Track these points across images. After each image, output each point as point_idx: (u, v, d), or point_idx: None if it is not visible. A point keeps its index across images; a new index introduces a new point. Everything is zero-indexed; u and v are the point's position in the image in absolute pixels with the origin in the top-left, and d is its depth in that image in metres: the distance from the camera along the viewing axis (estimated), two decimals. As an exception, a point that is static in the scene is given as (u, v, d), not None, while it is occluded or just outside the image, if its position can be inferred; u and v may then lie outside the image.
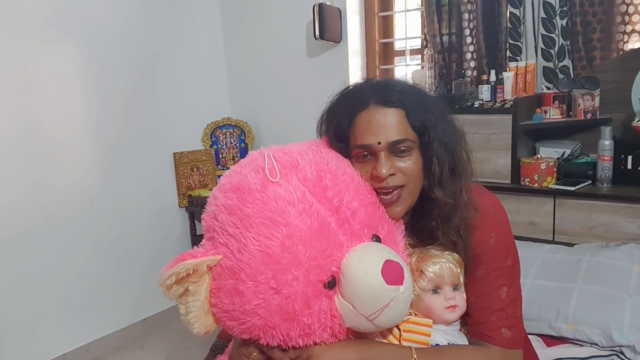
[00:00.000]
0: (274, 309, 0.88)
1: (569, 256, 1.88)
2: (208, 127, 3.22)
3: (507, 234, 1.10)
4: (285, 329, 0.90)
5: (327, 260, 0.90)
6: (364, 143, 1.01)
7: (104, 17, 2.64)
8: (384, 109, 1.01)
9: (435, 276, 1.04)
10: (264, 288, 0.87)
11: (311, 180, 0.95)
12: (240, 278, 0.88)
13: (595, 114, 2.25)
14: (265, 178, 0.94)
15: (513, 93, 2.36)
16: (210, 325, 0.95)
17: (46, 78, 2.44)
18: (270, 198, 0.91)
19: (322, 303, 0.90)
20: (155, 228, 2.96)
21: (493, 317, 1.04)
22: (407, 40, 2.97)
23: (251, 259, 0.87)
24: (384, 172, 0.99)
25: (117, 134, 2.74)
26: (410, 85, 1.09)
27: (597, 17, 2.31)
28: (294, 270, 0.87)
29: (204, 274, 0.91)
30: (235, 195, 0.93)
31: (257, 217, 0.89)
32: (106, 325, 2.76)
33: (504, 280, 1.06)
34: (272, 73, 3.18)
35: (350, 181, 0.98)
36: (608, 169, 2.15)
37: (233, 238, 0.90)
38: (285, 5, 3.03)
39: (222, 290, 0.90)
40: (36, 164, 2.42)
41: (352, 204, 0.95)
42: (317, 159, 0.99)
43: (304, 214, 0.90)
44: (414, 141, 1.02)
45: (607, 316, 1.59)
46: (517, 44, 2.49)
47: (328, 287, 0.91)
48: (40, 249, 2.45)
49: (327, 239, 0.90)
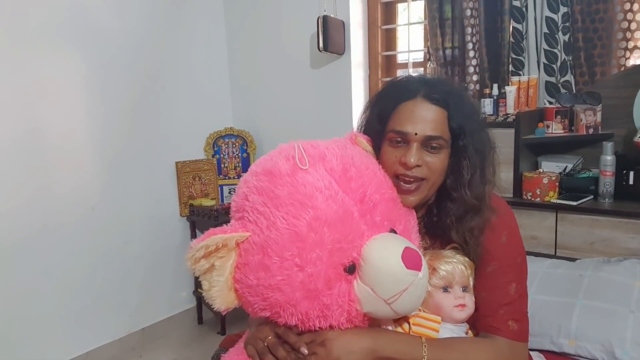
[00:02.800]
0: (297, 285, 0.92)
1: (571, 271, 1.87)
2: (210, 136, 3.22)
3: (517, 234, 1.17)
4: (305, 307, 0.93)
5: (349, 245, 0.94)
6: (402, 130, 1.06)
7: (108, 27, 2.66)
8: (428, 104, 1.07)
9: (447, 274, 1.08)
10: (289, 264, 0.91)
11: (337, 171, 0.99)
12: (267, 253, 0.92)
13: (597, 129, 2.26)
14: (295, 165, 0.98)
15: (515, 107, 2.37)
16: (232, 301, 0.98)
17: (50, 86, 2.45)
18: (300, 183, 0.95)
19: (341, 285, 0.94)
20: (156, 237, 2.96)
21: (501, 310, 1.08)
22: (410, 53, 2.98)
23: (279, 236, 0.92)
24: (412, 161, 1.04)
25: (119, 142, 2.75)
26: (459, 89, 1.18)
27: (598, 34, 2.33)
28: (318, 250, 0.91)
29: (232, 249, 0.95)
30: (267, 178, 0.98)
31: (286, 198, 0.94)
32: (105, 335, 2.75)
33: (513, 277, 1.11)
34: (275, 84, 3.19)
35: (373, 176, 1.03)
36: (610, 184, 2.15)
37: (262, 216, 0.94)
38: (289, 16, 3.05)
39: (249, 266, 0.94)
40: (38, 172, 2.42)
41: (374, 197, 1.00)
42: (342, 154, 1.03)
43: (330, 200, 0.94)
44: (447, 141, 1.08)
45: (609, 332, 1.58)
46: (520, 58, 2.50)
47: (348, 272, 0.95)
48: (40, 257, 2.45)
49: (350, 226, 0.95)
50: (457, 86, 1.19)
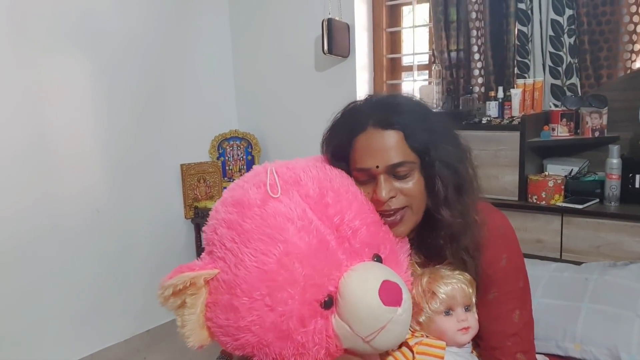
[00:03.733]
0: (267, 326, 0.87)
1: (577, 275, 1.86)
2: (215, 139, 3.23)
3: (518, 255, 1.10)
4: (279, 347, 0.88)
5: (324, 280, 0.89)
6: (363, 167, 1.00)
7: (115, 31, 2.67)
8: (381, 132, 0.99)
9: (448, 297, 1.02)
10: (258, 305, 0.87)
11: (313, 197, 0.94)
12: (236, 293, 0.87)
13: (603, 132, 2.25)
14: (266, 193, 0.93)
15: (521, 110, 2.36)
16: (205, 339, 0.94)
17: (56, 89, 2.46)
18: (270, 214, 0.90)
19: (317, 322, 0.89)
20: (160, 239, 2.96)
21: (508, 342, 1.04)
22: (415, 56, 2.98)
23: (247, 275, 0.87)
24: (384, 196, 0.98)
25: (125, 145, 2.76)
26: (411, 104, 1.06)
27: (604, 36, 2.32)
28: (289, 288, 0.86)
29: (202, 287, 0.91)
30: (235, 210, 0.93)
31: (255, 232, 0.89)
32: (110, 336, 2.75)
33: (516, 303, 1.06)
34: (279, 86, 3.20)
35: (353, 199, 0.97)
36: (616, 187, 2.14)
37: (231, 253, 0.90)
38: (294, 20, 3.06)
39: (218, 305, 0.90)
40: (45, 175, 2.44)
41: (353, 223, 0.94)
42: (320, 176, 0.98)
43: (303, 231, 0.89)
44: (414, 162, 1.00)
45: (615, 336, 1.57)
46: (525, 61, 2.50)
47: (325, 307, 0.89)
48: (46, 259, 2.46)
49: (325, 258, 0.90)
50: (410, 101, 1.07)
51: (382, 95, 1.11)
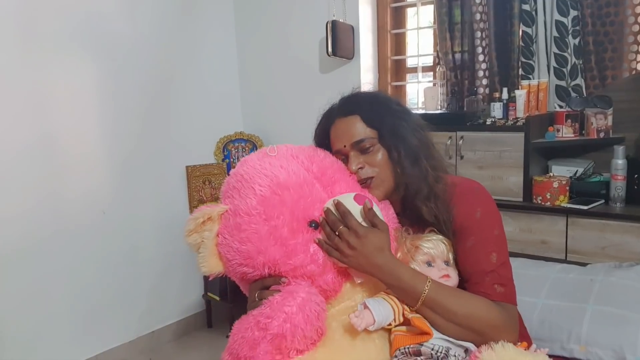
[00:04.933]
0: (264, 234, 1.08)
1: (582, 276, 1.86)
2: (220, 141, 3.24)
3: (492, 210, 1.25)
4: (273, 253, 1.08)
5: (309, 205, 1.12)
6: (336, 149, 1.26)
7: (120, 32, 2.69)
8: (343, 119, 1.26)
9: (429, 249, 1.17)
10: (256, 219, 1.09)
11: (302, 158, 1.20)
12: (239, 214, 1.11)
13: (608, 133, 2.25)
14: (265, 153, 1.20)
15: (525, 111, 2.36)
16: (216, 266, 1.15)
17: (62, 91, 2.48)
18: (267, 162, 1.16)
19: (305, 235, 1.10)
20: (166, 241, 2.97)
21: (487, 278, 1.17)
22: (420, 58, 2.98)
23: (248, 200, 1.11)
24: (353, 167, 1.22)
25: (130, 146, 2.77)
26: (366, 94, 1.34)
27: (609, 37, 2.31)
28: (280, 207, 1.10)
29: (216, 221, 1.14)
30: (240, 166, 1.20)
31: (255, 174, 1.14)
32: (115, 337, 2.77)
33: (493, 247, 1.19)
34: (284, 88, 3.20)
35: (335, 163, 1.23)
36: (621, 188, 2.13)
37: (237, 190, 1.14)
38: (298, 21, 3.06)
39: (226, 228, 1.12)
40: (50, 176, 2.45)
41: (334, 176, 1.19)
42: (311, 152, 1.24)
43: (292, 173, 1.14)
44: (374, 137, 1.23)
45: (620, 338, 1.57)
46: (530, 62, 2.49)
47: (311, 226, 1.12)
48: (51, 260, 2.47)
49: (310, 191, 1.13)
50: (368, 92, 1.36)
51: (347, 93, 1.35)
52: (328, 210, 1.11)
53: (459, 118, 2.45)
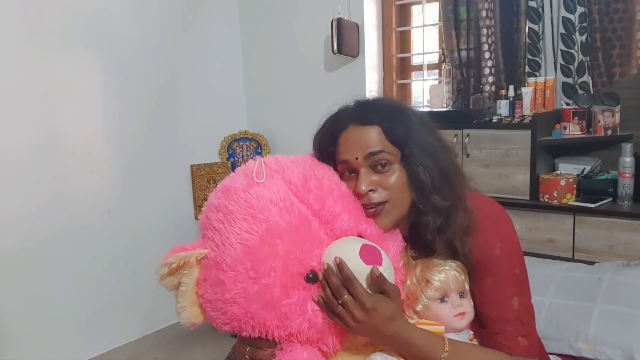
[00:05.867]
0: (252, 296, 0.92)
1: (589, 275, 1.84)
2: (225, 140, 3.24)
3: (513, 243, 1.10)
4: (263, 318, 0.93)
5: (305, 255, 0.95)
6: (343, 158, 1.05)
7: (125, 32, 2.69)
8: (360, 127, 1.05)
9: (442, 284, 1.04)
10: (243, 277, 0.93)
11: (295, 183, 1.01)
12: (222, 268, 0.94)
13: (616, 131, 2.23)
14: (252, 180, 1.00)
15: (532, 109, 2.34)
16: (197, 316, 1.00)
17: (67, 91, 2.48)
18: (254, 197, 0.97)
19: (300, 294, 0.94)
20: (171, 240, 2.96)
21: (509, 327, 1.05)
22: (425, 55, 2.97)
23: (232, 251, 0.94)
24: (363, 188, 1.01)
25: (135, 146, 2.77)
26: (390, 103, 1.13)
27: (617, 34, 2.29)
28: (271, 261, 0.93)
29: (194, 266, 0.98)
30: (223, 195, 1.01)
31: (239, 213, 0.96)
32: (120, 337, 2.77)
33: (514, 290, 1.07)
34: (289, 87, 3.20)
35: (335, 187, 1.02)
36: (629, 186, 2.12)
37: (218, 232, 0.96)
38: (303, 19, 3.06)
39: (207, 281, 0.96)
40: (56, 175, 2.45)
41: (334, 209, 0.99)
42: (306, 167, 1.04)
43: (284, 211, 0.96)
44: (393, 154, 1.03)
45: (629, 336, 1.55)
46: (536, 59, 2.48)
47: (308, 282, 0.95)
48: (56, 259, 2.47)
49: (306, 235, 0.96)
50: (390, 101, 1.16)
51: (364, 98, 1.15)
52: (329, 270, 0.93)
53: (465, 116, 2.43)
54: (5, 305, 2.31)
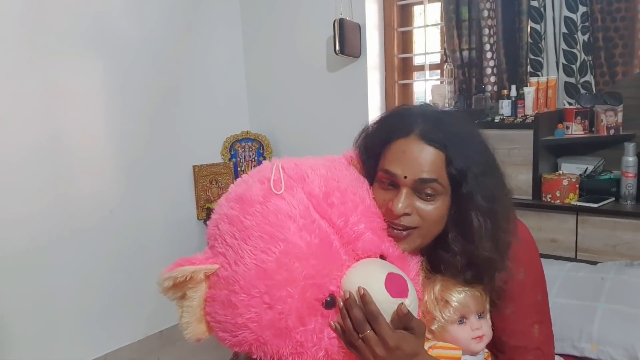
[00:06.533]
0: (265, 324, 0.85)
1: (592, 274, 1.84)
2: (227, 140, 3.24)
3: (536, 267, 1.06)
4: (277, 345, 0.87)
5: (325, 280, 0.87)
6: (391, 170, 0.94)
7: (127, 33, 2.69)
8: (422, 144, 0.93)
9: (461, 305, 0.99)
10: (256, 302, 0.85)
11: (317, 195, 0.91)
12: (234, 290, 0.86)
13: (618, 130, 2.23)
14: (269, 190, 0.91)
15: (534, 108, 2.34)
16: (202, 333, 0.93)
17: (70, 92, 2.48)
18: (271, 211, 0.88)
19: (317, 321, 0.87)
20: (173, 240, 2.98)
21: (529, 356, 1.01)
22: (427, 56, 2.97)
23: (246, 272, 0.85)
24: (399, 209, 0.92)
25: (138, 147, 2.78)
26: (460, 125, 1.00)
27: (619, 33, 2.29)
28: (288, 287, 0.85)
29: (201, 281, 0.90)
30: (238, 205, 0.92)
31: (255, 229, 0.87)
32: (123, 337, 2.77)
33: (535, 317, 1.03)
34: (291, 87, 3.20)
35: (359, 202, 0.93)
36: (632, 185, 2.11)
37: (231, 249, 0.88)
38: (305, 20, 3.06)
39: (217, 300, 0.89)
40: (58, 176, 2.46)
41: (357, 227, 0.91)
42: (328, 175, 0.95)
43: (304, 230, 0.87)
44: (444, 187, 0.94)
45: (632, 336, 1.55)
46: (538, 59, 2.47)
47: (326, 307, 0.87)
48: (60, 260, 2.48)
49: (327, 257, 0.88)
50: (463, 123, 1.02)
51: (436, 109, 1.04)
52: (351, 302, 0.84)
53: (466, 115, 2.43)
54: (10, 306, 2.32)
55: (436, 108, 1.04)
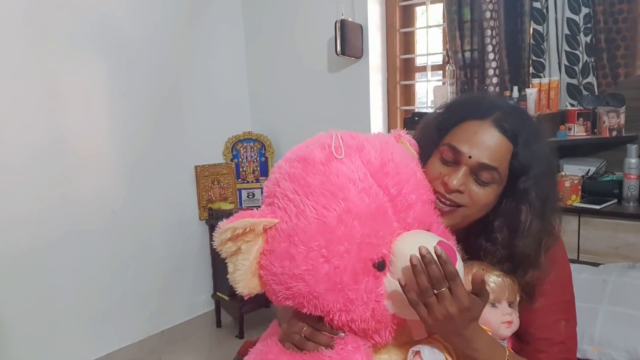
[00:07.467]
0: (321, 277, 0.88)
1: (594, 276, 1.83)
2: (229, 140, 3.24)
3: (566, 267, 1.09)
4: (328, 300, 0.90)
5: (379, 241, 0.90)
6: (458, 147, 0.98)
7: (130, 34, 2.70)
8: (495, 131, 0.98)
9: (498, 288, 1.01)
10: (315, 255, 0.88)
11: (374, 164, 0.94)
12: (294, 242, 0.89)
13: (621, 132, 2.22)
14: (330, 154, 0.94)
15: (536, 110, 2.34)
16: (255, 287, 0.95)
17: (73, 93, 2.49)
18: (333, 172, 0.91)
19: (369, 281, 0.90)
20: (175, 240, 2.98)
21: (555, 348, 1.04)
22: (429, 57, 2.96)
23: (307, 226, 0.88)
24: (454, 184, 0.97)
25: (140, 147, 2.78)
26: (534, 125, 1.04)
27: (622, 34, 2.29)
28: (346, 243, 0.88)
29: (259, 234, 0.92)
30: (300, 165, 0.94)
31: (318, 187, 0.90)
32: (125, 337, 2.77)
33: (562, 314, 1.06)
34: (293, 88, 3.20)
35: (411, 174, 0.97)
36: (635, 187, 2.11)
37: (292, 203, 0.91)
38: (307, 21, 3.06)
39: (274, 253, 0.91)
40: (61, 177, 2.46)
41: (409, 197, 0.94)
42: (382, 148, 0.98)
43: (363, 192, 0.90)
44: (502, 177, 0.98)
45: (634, 338, 1.54)
46: (541, 60, 2.47)
47: (377, 269, 0.90)
48: (62, 260, 2.48)
49: (381, 222, 0.91)
50: (535, 123, 1.06)
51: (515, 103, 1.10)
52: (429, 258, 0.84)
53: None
54: (11, 306, 2.33)
55: (514, 103, 1.09)
